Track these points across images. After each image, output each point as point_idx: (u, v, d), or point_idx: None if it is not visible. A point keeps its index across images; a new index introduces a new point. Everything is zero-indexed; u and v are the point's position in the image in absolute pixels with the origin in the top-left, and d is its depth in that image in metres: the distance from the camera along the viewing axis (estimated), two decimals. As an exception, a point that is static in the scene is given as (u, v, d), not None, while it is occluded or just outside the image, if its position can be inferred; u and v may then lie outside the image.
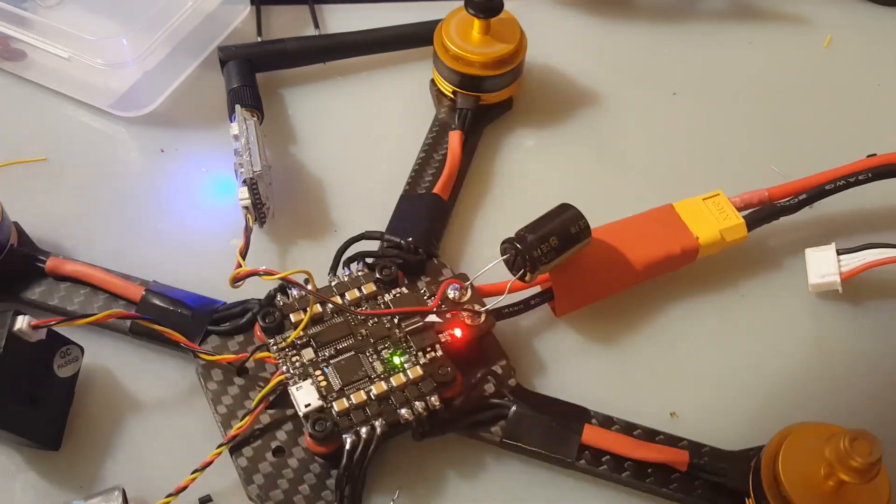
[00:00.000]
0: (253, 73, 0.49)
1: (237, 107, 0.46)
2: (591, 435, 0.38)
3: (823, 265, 0.43)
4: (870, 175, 0.44)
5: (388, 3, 0.55)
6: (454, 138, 0.47)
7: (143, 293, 0.41)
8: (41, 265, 0.42)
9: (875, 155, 0.45)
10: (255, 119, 0.45)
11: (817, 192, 0.44)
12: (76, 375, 0.39)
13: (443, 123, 0.48)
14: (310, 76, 0.51)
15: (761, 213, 0.44)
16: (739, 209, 0.44)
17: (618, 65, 0.53)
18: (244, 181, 0.42)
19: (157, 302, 0.41)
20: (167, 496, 0.36)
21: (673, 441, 0.39)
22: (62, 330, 0.38)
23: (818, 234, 0.46)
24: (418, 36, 0.51)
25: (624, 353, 0.42)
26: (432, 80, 0.50)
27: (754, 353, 0.42)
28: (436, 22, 0.50)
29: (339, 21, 0.54)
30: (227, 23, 0.52)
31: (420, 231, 0.43)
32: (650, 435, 0.39)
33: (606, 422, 0.39)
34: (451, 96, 0.49)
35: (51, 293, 0.41)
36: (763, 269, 0.45)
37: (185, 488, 0.36)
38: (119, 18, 0.48)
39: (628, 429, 0.39)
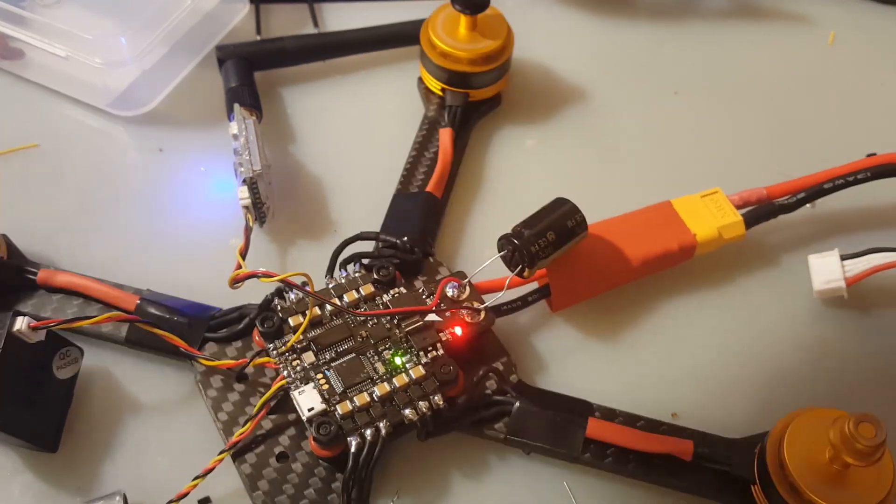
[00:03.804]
0: (251, 72, 0.48)
1: (236, 106, 0.45)
2: (596, 428, 0.38)
3: (827, 271, 0.42)
4: (869, 174, 0.44)
5: (388, 1, 0.54)
6: (445, 136, 0.46)
7: (138, 302, 0.40)
8: (32, 277, 0.41)
9: (875, 154, 0.45)
10: (253, 118, 0.45)
11: (816, 191, 0.44)
12: (75, 377, 0.39)
13: (432, 121, 0.48)
14: (309, 75, 0.51)
15: (759, 211, 0.44)
16: (738, 207, 0.44)
17: (618, 62, 0.53)
18: (244, 181, 0.42)
19: (153, 310, 0.40)
20: (168, 502, 0.35)
21: (677, 431, 0.39)
22: (62, 331, 0.37)
23: (817, 233, 0.46)
24: (417, 34, 0.50)
25: (623, 349, 0.42)
26: (419, 78, 0.50)
27: (754, 351, 0.42)
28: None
29: (339, 19, 0.53)
30: (226, 21, 0.52)
31: (415, 230, 0.43)
32: (654, 426, 0.39)
33: (609, 415, 0.39)
34: (440, 94, 0.48)
35: (43, 305, 0.41)
36: (761, 266, 0.45)
37: (186, 495, 0.36)
38: (117, 17, 0.48)
39: (631, 421, 0.39)
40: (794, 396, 0.41)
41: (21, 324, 0.36)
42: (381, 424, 0.37)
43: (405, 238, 0.42)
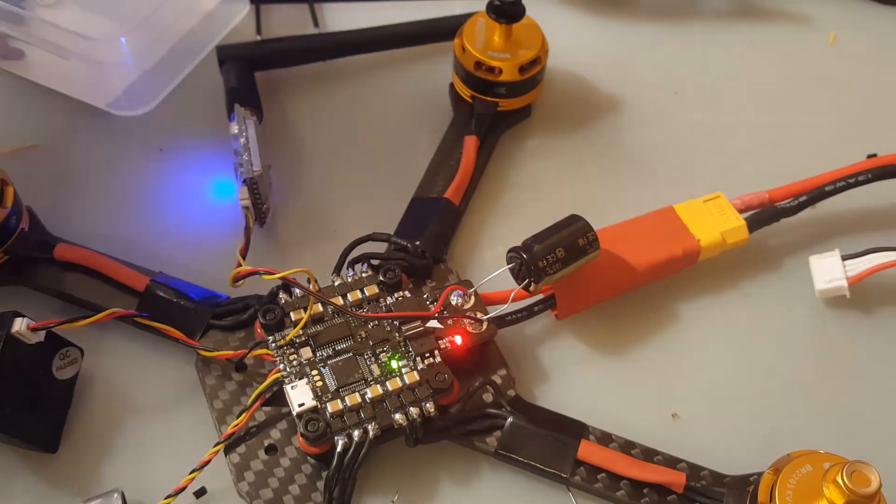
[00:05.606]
0: (252, 73, 0.49)
1: (236, 106, 0.45)
2: (588, 451, 0.37)
3: (829, 271, 0.42)
4: (869, 176, 0.44)
5: (388, 1, 0.54)
6: (469, 143, 0.46)
7: (148, 283, 0.41)
8: (50, 250, 0.42)
9: (875, 156, 0.45)
10: (254, 118, 0.45)
11: (817, 194, 0.44)
12: (75, 377, 0.39)
13: (459, 128, 0.48)
14: (309, 75, 0.51)
15: (761, 214, 0.44)
16: (740, 211, 0.43)
17: (618, 65, 0.53)
18: (244, 181, 0.42)
19: (161, 293, 0.41)
20: (166, 497, 0.36)
21: (671, 462, 0.38)
22: (62, 330, 0.37)
23: (819, 235, 0.46)
24: (418, 35, 0.51)
25: (627, 360, 0.42)
26: (451, 84, 0.49)
27: (758, 354, 0.42)
28: (435, 20, 0.50)
29: (339, 19, 0.53)
30: (227, 22, 0.52)
31: (428, 235, 0.43)
32: (649, 454, 0.38)
33: (605, 438, 0.38)
34: (469, 101, 0.48)
35: (57, 279, 0.41)
36: (764, 270, 0.45)
37: (183, 489, 0.36)
38: (118, 17, 0.48)
39: (627, 446, 0.38)
40: (799, 402, 0.41)
41: (20, 325, 0.36)
42: (370, 426, 0.36)
43: (417, 242, 0.42)
